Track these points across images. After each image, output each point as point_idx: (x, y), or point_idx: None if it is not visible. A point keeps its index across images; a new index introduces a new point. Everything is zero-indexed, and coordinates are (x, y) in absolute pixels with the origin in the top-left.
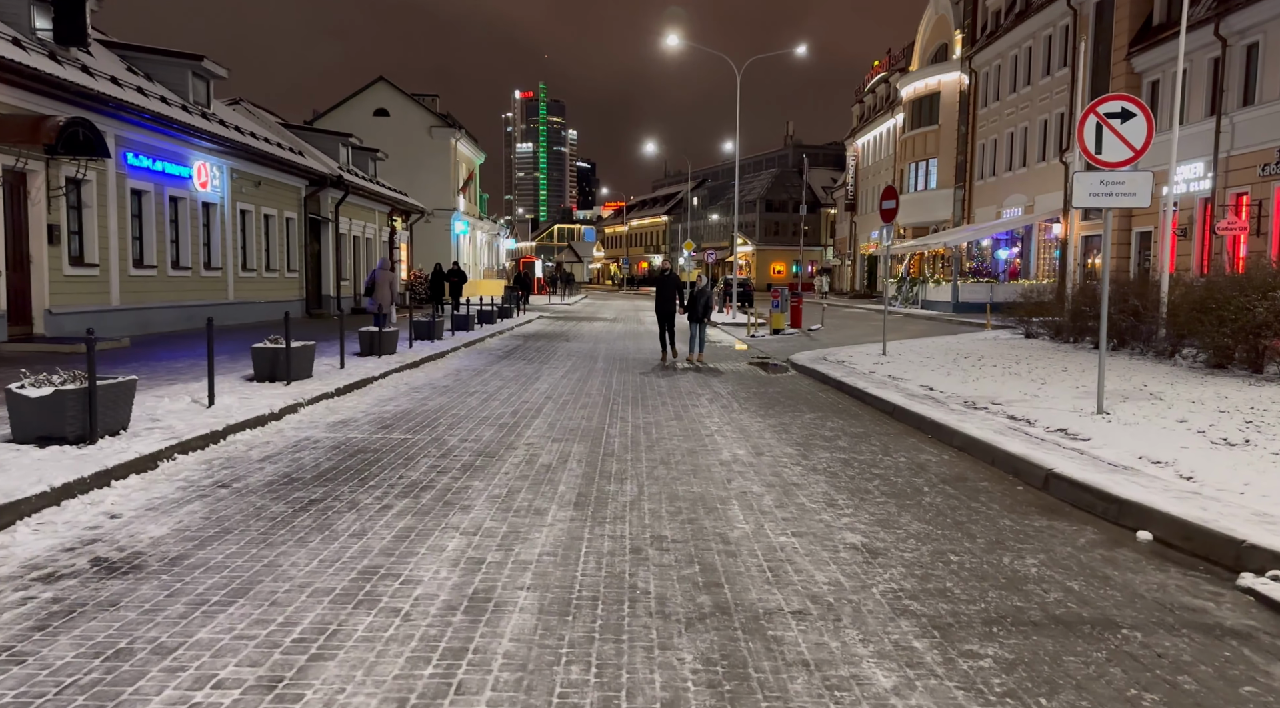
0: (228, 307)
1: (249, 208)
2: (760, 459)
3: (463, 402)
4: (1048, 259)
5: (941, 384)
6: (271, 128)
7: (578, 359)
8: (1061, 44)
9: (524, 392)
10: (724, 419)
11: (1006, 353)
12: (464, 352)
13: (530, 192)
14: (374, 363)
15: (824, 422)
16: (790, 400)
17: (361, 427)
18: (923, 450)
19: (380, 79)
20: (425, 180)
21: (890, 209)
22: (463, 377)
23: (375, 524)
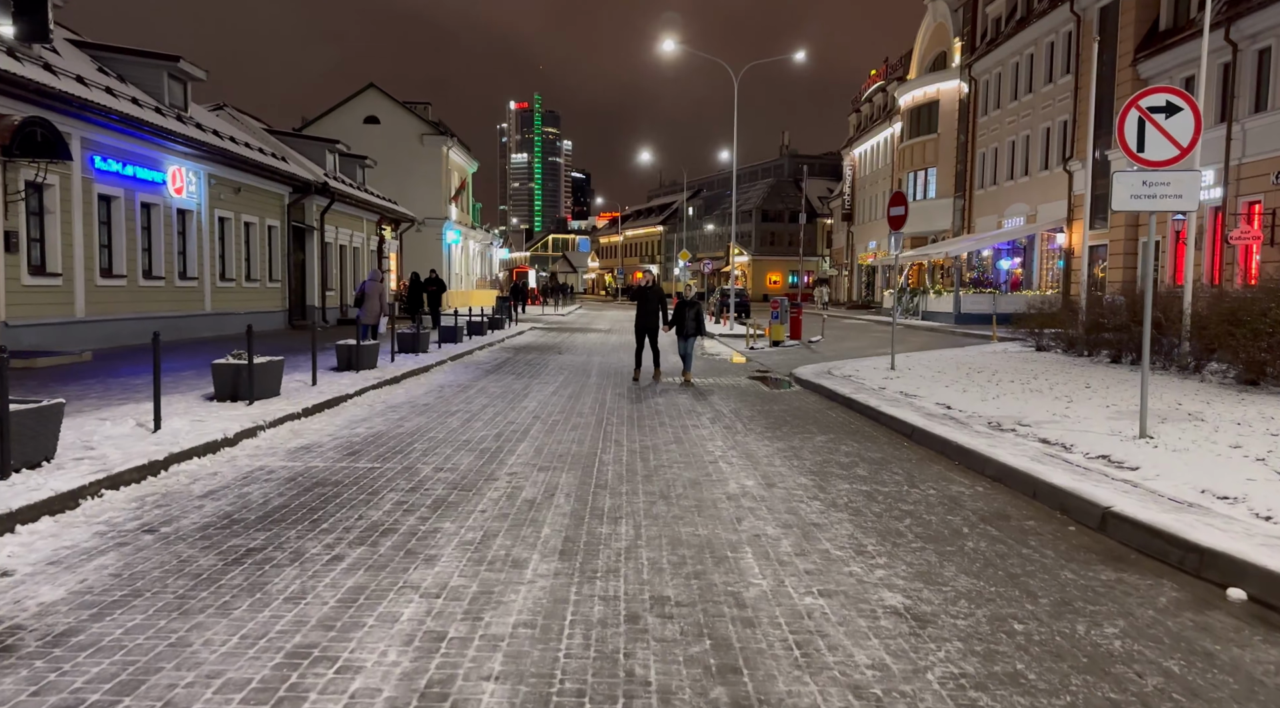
0: (204, 318)
1: (228, 215)
2: (772, 492)
3: (442, 422)
4: (1051, 269)
5: (959, 402)
6: (255, 133)
7: (570, 373)
8: (1064, 51)
9: (511, 410)
10: (728, 442)
11: (1021, 367)
12: (450, 366)
13: (525, 202)
14: (350, 379)
15: (837, 445)
16: (798, 420)
17: (325, 453)
18: (953, 481)
19: (371, 86)
20: (416, 189)
21: (899, 216)
22: (446, 393)
23: (319, 583)
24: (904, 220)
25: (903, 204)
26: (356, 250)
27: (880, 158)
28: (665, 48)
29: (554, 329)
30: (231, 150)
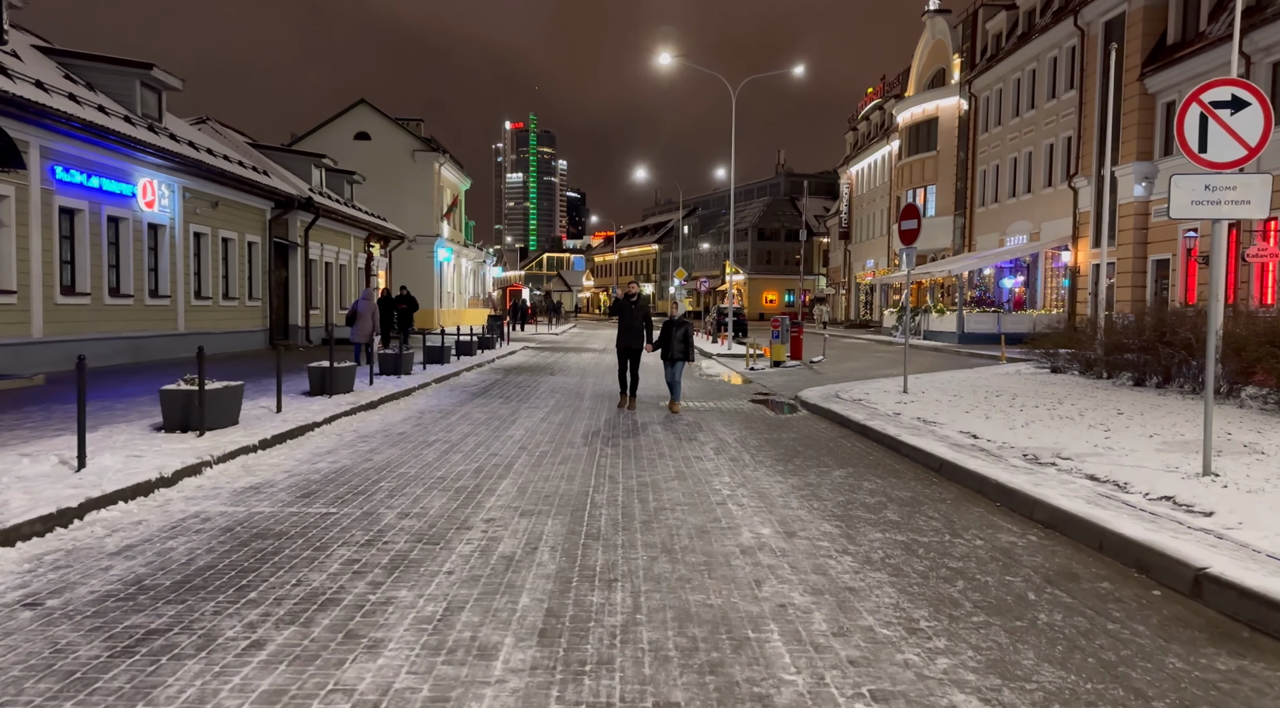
0: (177, 338)
1: (204, 230)
2: (793, 543)
3: (417, 455)
4: (1055, 288)
5: (985, 430)
6: (238, 148)
7: (562, 397)
8: (1068, 66)
9: (495, 439)
10: (736, 477)
11: (1040, 390)
12: (433, 389)
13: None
14: (321, 405)
15: (859, 481)
16: (810, 450)
17: (276, 495)
18: (999, 527)
19: (361, 102)
20: (407, 206)
21: (911, 230)
22: (426, 420)
23: (224, 685)
24: (917, 234)
25: (915, 217)
26: (343, 268)
27: (878, 176)
28: (662, 60)
29: (547, 349)
30: (208, 162)
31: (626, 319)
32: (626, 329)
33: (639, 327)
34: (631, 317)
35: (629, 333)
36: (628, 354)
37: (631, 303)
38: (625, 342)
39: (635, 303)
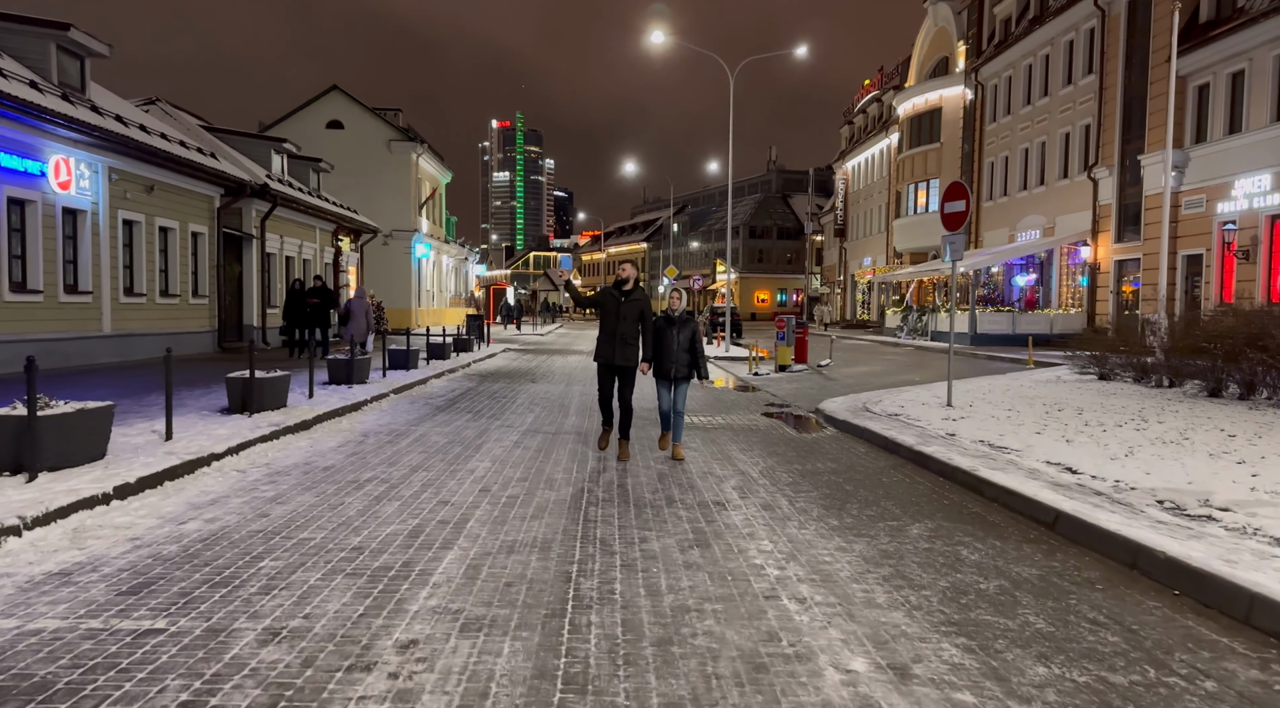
0: (102, 341)
1: (136, 218)
2: (913, 694)
3: (337, 506)
4: (1072, 286)
5: (1081, 461)
6: (190, 130)
7: (543, 410)
8: (1086, 50)
9: (450, 476)
10: (779, 540)
11: (1105, 403)
12: (390, 402)
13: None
14: (232, 428)
15: (951, 545)
16: (863, 489)
17: (88, 590)
18: (1222, 652)
19: (334, 88)
20: (383, 199)
21: (957, 213)
22: (367, 446)
23: None
24: (964, 218)
25: (963, 197)
26: (307, 263)
27: (875, 170)
28: (656, 39)
29: (529, 351)
30: (137, 139)
31: (613, 320)
32: (611, 335)
33: (632, 332)
34: (620, 316)
35: (616, 341)
36: (613, 373)
37: (623, 295)
38: (610, 353)
39: (629, 295)
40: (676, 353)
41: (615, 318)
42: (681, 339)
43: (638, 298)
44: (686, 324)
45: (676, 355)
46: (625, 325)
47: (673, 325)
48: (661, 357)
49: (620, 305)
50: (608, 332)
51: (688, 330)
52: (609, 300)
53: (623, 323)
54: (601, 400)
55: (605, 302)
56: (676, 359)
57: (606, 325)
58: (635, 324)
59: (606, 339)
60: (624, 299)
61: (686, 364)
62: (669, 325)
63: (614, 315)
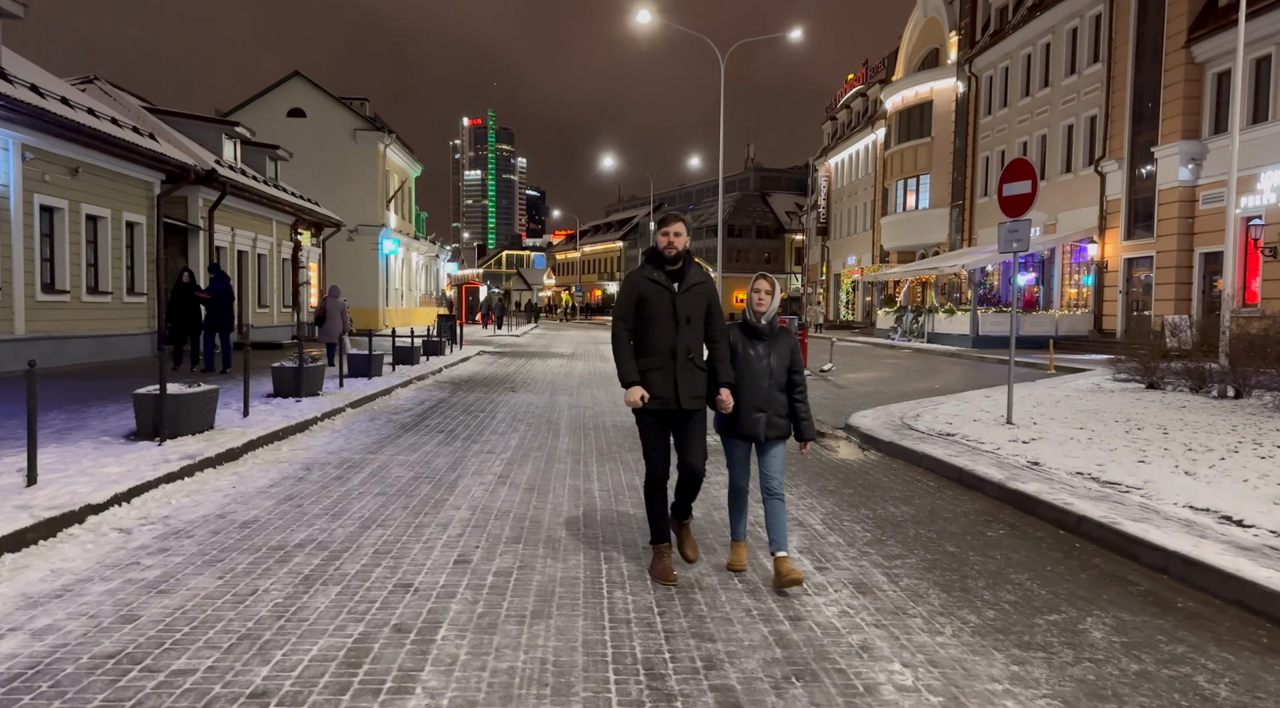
0: (11, 344)
1: (58, 204)
2: None
3: (246, 596)
4: (1076, 285)
5: (1239, 507)
6: (130, 111)
7: (529, 428)
8: (1091, 37)
9: (414, 537)
10: (919, 670)
11: (1186, 418)
12: (347, 418)
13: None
14: (135, 460)
15: (1164, 661)
16: (969, 549)
17: None
18: None
19: (296, 74)
20: (348, 192)
21: (1020, 196)
22: (307, 487)
23: None
24: (1030, 201)
25: (1029, 177)
26: (263, 257)
27: (860, 167)
28: (641, 19)
29: (506, 354)
30: (56, 113)
31: (665, 326)
32: (665, 353)
33: (698, 343)
34: (677, 317)
35: (675, 363)
36: (673, 425)
37: (675, 278)
38: (667, 388)
39: (685, 278)
40: (768, 391)
41: (669, 321)
42: (774, 366)
43: (700, 281)
44: (781, 340)
45: (768, 395)
46: (689, 333)
47: (757, 341)
48: (743, 398)
49: (675, 299)
50: (656, 346)
51: (785, 350)
52: (653, 292)
53: (684, 329)
54: (654, 483)
55: (648, 295)
56: (768, 403)
57: (652, 337)
58: (702, 328)
59: (655, 360)
60: (679, 286)
61: (784, 412)
62: (749, 342)
63: (666, 317)
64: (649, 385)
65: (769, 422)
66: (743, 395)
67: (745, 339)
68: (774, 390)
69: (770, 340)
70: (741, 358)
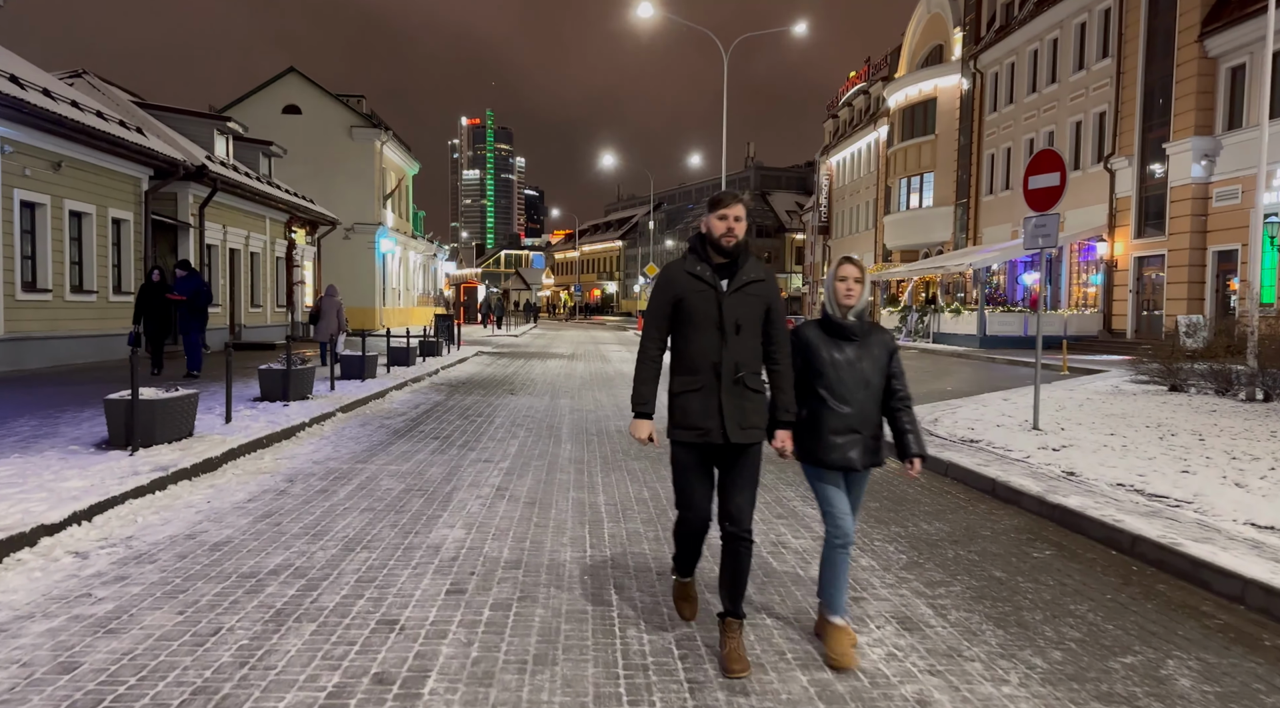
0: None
1: (40, 200)
2: None
3: (207, 636)
4: (1082, 284)
5: None
6: (118, 105)
7: (528, 434)
8: (1100, 31)
9: (403, 561)
10: None
11: (1220, 423)
12: (337, 424)
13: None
14: (102, 471)
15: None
16: (1017, 574)
17: None
18: None
19: (291, 70)
20: (345, 190)
21: (1048, 189)
22: (287, 503)
23: None
24: (1059, 194)
25: (1058, 169)
26: (256, 256)
27: (862, 165)
28: (643, 12)
29: (504, 355)
30: (36, 104)
31: (708, 335)
32: (708, 370)
33: (753, 359)
34: (724, 325)
35: (721, 383)
36: (715, 462)
37: (724, 274)
38: (707, 416)
39: (738, 274)
40: (865, 406)
41: (713, 329)
42: (870, 373)
43: (756, 279)
44: (876, 339)
45: (864, 412)
46: (739, 345)
47: (844, 343)
48: (829, 418)
49: (722, 301)
50: (696, 362)
51: (881, 352)
52: (695, 291)
53: (732, 340)
54: (687, 527)
55: (688, 295)
56: (863, 421)
57: (692, 349)
58: (758, 340)
59: (694, 380)
60: (728, 285)
61: (876, 432)
62: (835, 344)
63: (709, 324)
64: (686, 412)
65: (866, 446)
66: (829, 414)
67: (829, 341)
68: (872, 405)
69: (862, 341)
70: (827, 365)
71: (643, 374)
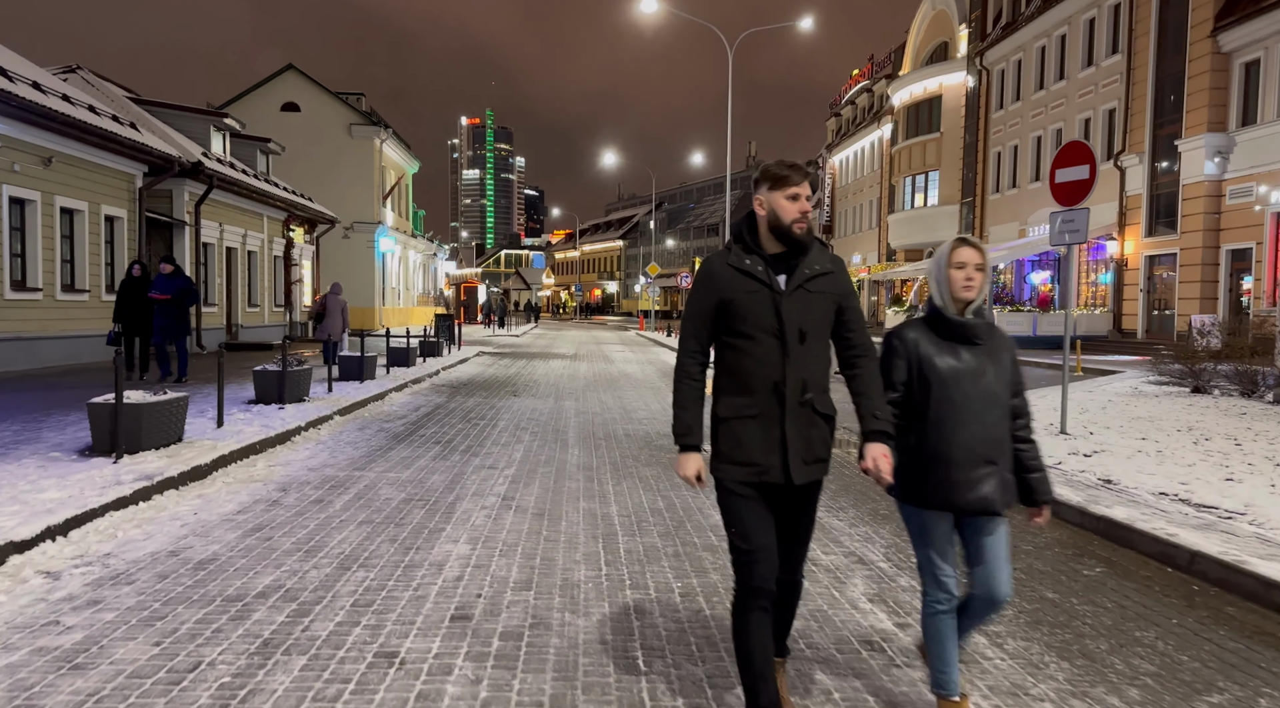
0: None
1: (29, 196)
2: None
3: (184, 672)
4: (1092, 284)
5: None
6: (113, 100)
7: (533, 438)
8: (1109, 27)
9: (403, 582)
10: None
11: (1255, 427)
12: (334, 427)
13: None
14: (82, 481)
15: None
16: (1084, 602)
17: None
18: None
19: (290, 67)
20: (344, 188)
21: (1076, 182)
22: (280, 515)
23: None
24: (1089, 188)
25: (1087, 161)
26: (253, 255)
27: (866, 164)
28: (646, 7)
29: (506, 355)
30: (23, 97)
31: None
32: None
33: (823, 374)
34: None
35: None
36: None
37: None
38: (768, 451)
39: (799, 267)
40: (996, 429)
41: (771, 339)
42: (997, 385)
43: (823, 272)
44: (1000, 343)
45: (996, 436)
46: (805, 358)
47: (962, 347)
48: (953, 444)
49: (780, 303)
50: (751, 381)
51: (1007, 359)
52: (745, 291)
53: (797, 352)
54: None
55: (736, 296)
56: (997, 449)
57: (745, 365)
58: (827, 349)
59: (749, 403)
60: (787, 282)
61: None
62: (950, 348)
63: (766, 332)
64: (739, 444)
65: (1003, 482)
66: (951, 442)
67: (943, 346)
68: (1003, 428)
69: (987, 345)
70: (945, 377)
71: (683, 397)
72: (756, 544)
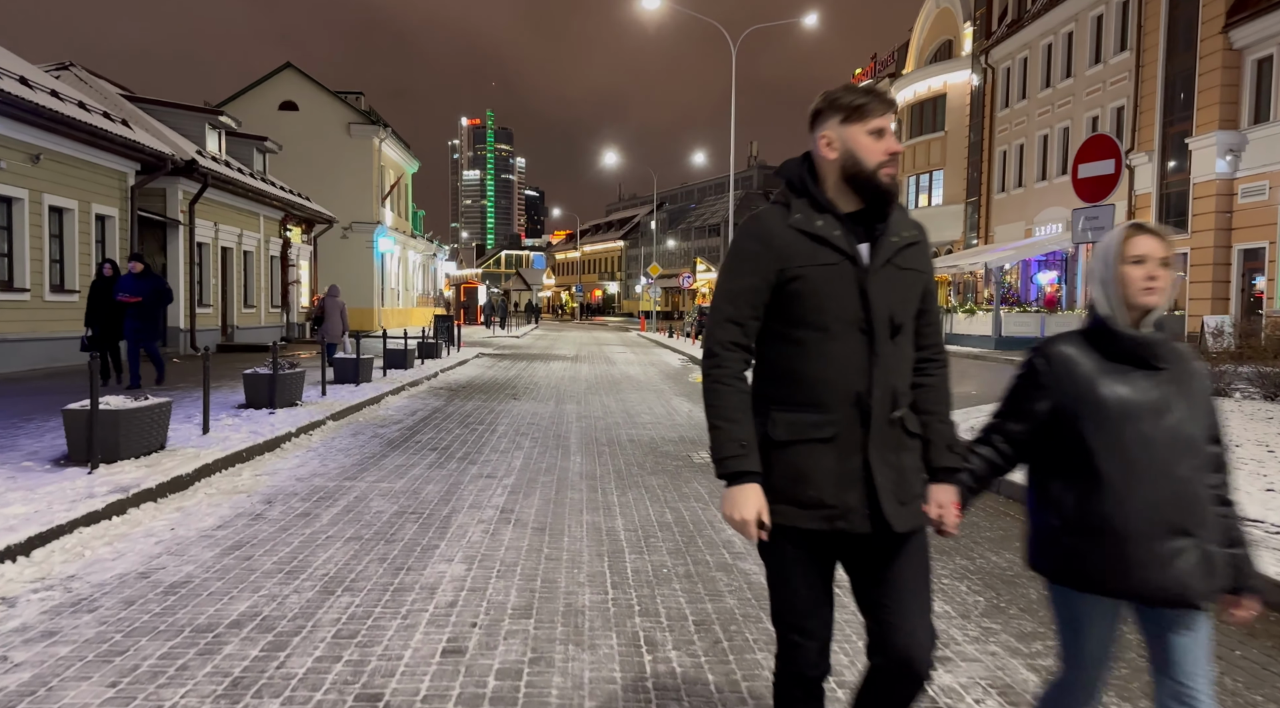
0: None
1: (16, 194)
2: None
3: None
4: None
5: None
6: (106, 97)
7: (533, 445)
8: (1118, 24)
9: (391, 610)
10: None
11: None
12: (327, 433)
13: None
14: (52, 494)
15: None
16: None
17: None
18: None
19: (288, 66)
20: (342, 187)
21: (1100, 177)
22: (262, 531)
23: None
24: (1113, 183)
25: (1113, 155)
26: (249, 255)
27: None
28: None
29: (506, 357)
30: (9, 92)
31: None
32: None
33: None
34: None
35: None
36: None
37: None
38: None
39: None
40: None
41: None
42: (1190, 428)
43: (911, 241)
44: (1188, 370)
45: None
46: (894, 358)
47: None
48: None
49: (866, 280)
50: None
51: (1200, 394)
52: (813, 263)
53: (885, 349)
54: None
55: (806, 272)
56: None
57: (812, 366)
58: (913, 349)
59: (820, 421)
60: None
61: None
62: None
63: (845, 322)
64: (802, 477)
65: (1204, 560)
66: (1127, 501)
67: (1111, 370)
68: (1201, 485)
69: (1173, 371)
70: (1113, 410)
71: (725, 405)
72: (810, 621)
